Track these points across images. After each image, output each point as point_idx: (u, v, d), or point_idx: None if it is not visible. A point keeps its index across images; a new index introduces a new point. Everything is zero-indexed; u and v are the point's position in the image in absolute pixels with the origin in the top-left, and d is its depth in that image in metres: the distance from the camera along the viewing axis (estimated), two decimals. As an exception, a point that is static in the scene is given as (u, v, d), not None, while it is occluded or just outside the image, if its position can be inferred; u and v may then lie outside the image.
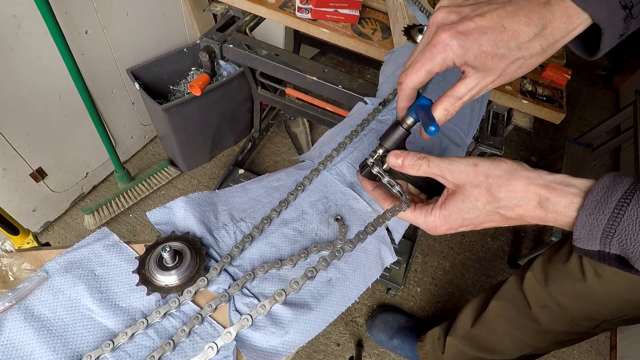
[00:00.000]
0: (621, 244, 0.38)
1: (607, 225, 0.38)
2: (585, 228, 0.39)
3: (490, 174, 0.45)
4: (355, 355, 1.46)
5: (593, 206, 0.39)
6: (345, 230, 0.59)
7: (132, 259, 0.53)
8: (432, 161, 0.48)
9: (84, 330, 0.47)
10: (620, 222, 0.37)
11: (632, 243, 0.37)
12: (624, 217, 0.37)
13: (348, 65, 2.46)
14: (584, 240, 0.40)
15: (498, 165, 0.45)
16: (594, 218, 0.38)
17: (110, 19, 1.42)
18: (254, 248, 0.57)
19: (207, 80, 1.09)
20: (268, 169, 1.94)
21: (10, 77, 1.21)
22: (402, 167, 0.50)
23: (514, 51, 0.43)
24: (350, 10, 0.99)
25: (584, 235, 0.39)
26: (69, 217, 1.69)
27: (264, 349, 0.49)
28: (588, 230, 0.39)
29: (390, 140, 0.53)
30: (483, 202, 0.45)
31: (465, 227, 0.48)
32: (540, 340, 0.96)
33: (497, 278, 1.73)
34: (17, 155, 1.34)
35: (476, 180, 0.45)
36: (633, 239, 0.37)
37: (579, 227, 0.39)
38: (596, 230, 0.38)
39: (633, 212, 0.37)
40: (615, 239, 0.38)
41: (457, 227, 0.48)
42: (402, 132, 0.52)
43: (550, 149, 2.24)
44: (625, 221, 0.37)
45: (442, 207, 0.49)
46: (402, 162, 0.50)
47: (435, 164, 0.48)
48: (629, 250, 0.37)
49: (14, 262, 0.51)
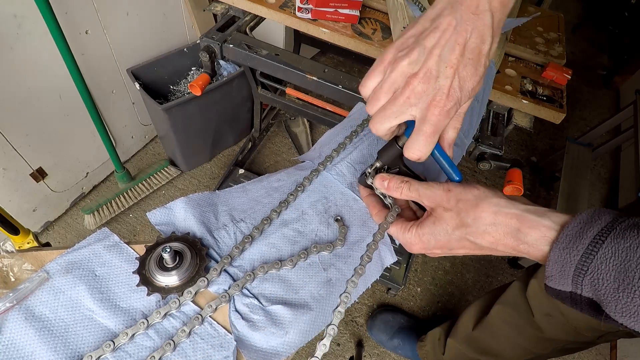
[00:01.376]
0: (593, 284, 0.35)
1: (580, 262, 0.36)
2: (557, 264, 0.37)
3: (461, 198, 0.45)
4: (355, 355, 1.46)
5: (567, 241, 0.37)
6: (345, 230, 0.59)
7: (132, 259, 0.53)
8: (413, 185, 0.50)
9: (84, 330, 0.47)
10: (593, 260, 0.35)
11: (604, 283, 0.34)
12: (598, 254, 0.35)
13: (348, 65, 2.46)
14: (556, 278, 0.38)
15: (469, 191, 0.45)
16: (567, 253, 0.36)
17: (111, 19, 1.42)
18: (254, 248, 0.57)
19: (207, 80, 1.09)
20: (268, 169, 1.94)
21: (11, 76, 1.21)
22: (388, 189, 0.52)
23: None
24: (351, 10, 0.99)
25: (556, 273, 0.37)
26: (69, 217, 1.69)
27: (264, 349, 0.49)
28: (560, 266, 0.37)
29: (385, 156, 0.55)
30: (452, 227, 0.45)
31: (440, 249, 0.48)
32: (542, 347, 0.96)
33: (497, 278, 1.73)
34: (17, 155, 1.34)
35: (448, 204, 0.46)
36: (605, 279, 0.34)
37: (552, 262, 0.38)
38: (568, 267, 0.36)
39: (607, 250, 0.35)
40: (588, 277, 0.35)
41: (431, 248, 0.48)
42: (397, 150, 0.53)
43: (550, 149, 2.24)
44: (599, 259, 0.35)
45: (419, 226, 0.49)
46: (387, 184, 0.52)
47: (415, 188, 0.49)
48: (600, 292, 0.35)
49: (15, 262, 0.51)
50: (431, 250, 0.49)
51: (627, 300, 0.33)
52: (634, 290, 0.33)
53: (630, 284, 0.33)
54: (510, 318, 1.00)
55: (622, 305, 0.34)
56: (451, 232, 0.45)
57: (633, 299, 0.33)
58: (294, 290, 0.54)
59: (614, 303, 0.34)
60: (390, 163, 0.55)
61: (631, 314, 0.33)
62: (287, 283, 0.54)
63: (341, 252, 0.58)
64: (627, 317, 0.34)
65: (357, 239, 0.60)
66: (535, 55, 1.02)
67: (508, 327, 1.00)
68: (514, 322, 0.99)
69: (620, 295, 0.34)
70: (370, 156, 0.68)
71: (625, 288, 0.33)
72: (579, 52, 2.95)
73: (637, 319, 0.33)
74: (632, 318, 0.34)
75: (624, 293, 0.34)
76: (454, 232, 0.45)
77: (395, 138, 0.53)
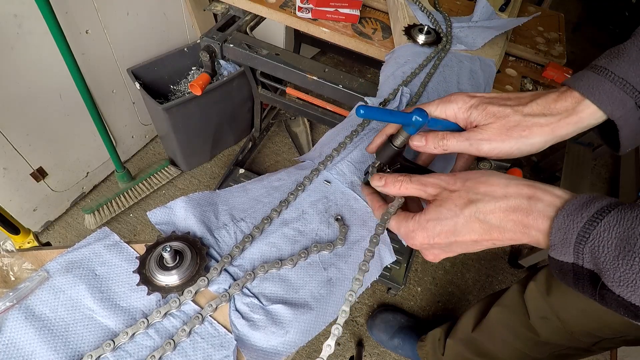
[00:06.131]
0: (593, 252, 0.35)
1: (583, 229, 0.35)
2: (560, 231, 0.37)
3: (469, 177, 0.45)
4: (355, 354, 1.46)
5: (573, 209, 0.37)
6: (345, 230, 0.59)
7: (132, 258, 0.53)
8: (413, 176, 0.49)
9: (84, 330, 0.47)
10: (596, 227, 0.35)
11: (604, 251, 0.34)
12: (602, 222, 0.35)
13: (348, 64, 2.46)
14: (558, 247, 0.37)
15: (475, 172, 0.45)
16: (570, 220, 0.36)
17: (111, 19, 1.42)
18: (255, 248, 0.57)
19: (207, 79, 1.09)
20: (268, 169, 1.94)
21: (11, 76, 1.21)
22: (385, 186, 0.50)
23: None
24: (351, 9, 0.99)
25: (558, 241, 0.37)
26: (70, 216, 1.69)
27: (265, 349, 0.49)
28: (563, 233, 0.36)
29: (383, 156, 0.55)
30: (460, 205, 0.43)
31: (445, 237, 0.45)
32: (538, 351, 0.96)
33: (498, 278, 1.73)
34: (17, 154, 1.34)
35: (454, 185, 0.45)
36: (606, 246, 0.34)
37: (555, 229, 0.37)
38: (571, 234, 0.36)
39: (612, 218, 0.34)
40: (589, 245, 0.35)
41: (433, 235, 0.45)
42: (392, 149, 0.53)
43: (550, 149, 2.22)
44: (602, 226, 0.35)
45: (422, 213, 0.47)
46: (385, 181, 0.50)
47: (416, 178, 0.48)
48: (599, 259, 0.34)
49: (15, 261, 0.51)
50: (434, 240, 0.45)
51: (625, 267, 0.33)
52: (633, 257, 0.32)
53: (631, 251, 0.32)
54: (507, 320, 1.00)
55: (620, 273, 0.33)
56: (459, 212, 0.43)
57: (632, 266, 0.32)
58: (294, 289, 0.54)
59: (612, 271, 0.33)
60: (390, 161, 0.55)
61: (629, 282, 0.33)
62: (287, 282, 0.54)
63: (341, 251, 0.58)
64: (624, 286, 0.33)
65: (357, 239, 0.60)
66: (535, 54, 1.02)
67: (505, 329, 1.00)
68: (511, 324, 0.98)
69: (620, 263, 0.33)
70: (371, 155, 0.68)
71: (626, 255, 0.33)
72: (579, 51, 2.95)
73: (634, 289, 0.32)
74: (630, 287, 0.33)
75: (624, 260, 0.33)
76: (462, 211, 0.43)
77: (390, 137, 0.54)
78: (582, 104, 0.47)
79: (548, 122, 0.48)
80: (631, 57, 0.46)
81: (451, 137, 0.51)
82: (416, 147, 0.53)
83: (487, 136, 0.49)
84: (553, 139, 0.49)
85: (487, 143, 0.49)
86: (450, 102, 0.52)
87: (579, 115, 0.48)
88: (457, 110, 0.52)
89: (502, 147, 0.49)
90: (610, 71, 0.46)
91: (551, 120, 0.48)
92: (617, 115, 0.46)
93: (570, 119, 0.48)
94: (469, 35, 0.93)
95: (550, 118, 0.48)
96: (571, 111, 0.48)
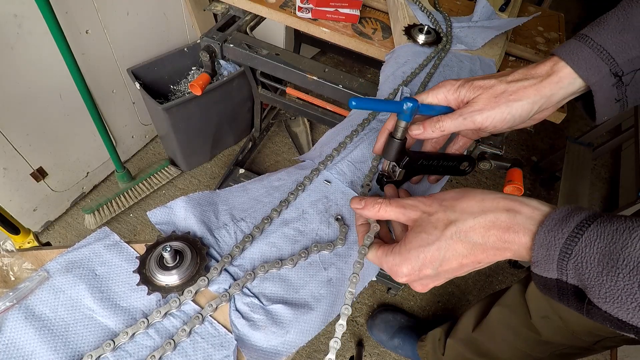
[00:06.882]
0: (577, 269, 0.34)
1: (565, 244, 0.35)
2: (543, 247, 0.36)
3: (444, 198, 0.45)
4: (355, 354, 1.46)
5: (553, 223, 0.36)
6: (345, 230, 0.59)
7: (132, 258, 0.53)
8: (393, 199, 0.48)
9: (84, 329, 0.47)
10: (577, 242, 0.34)
11: (588, 267, 0.34)
12: (583, 237, 0.34)
13: (348, 64, 2.45)
14: (541, 263, 0.37)
15: (450, 191, 0.46)
16: (552, 236, 0.36)
17: (111, 19, 1.42)
18: (255, 248, 0.57)
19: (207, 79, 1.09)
20: (268, 169, 1.94)
21: (11, 76, 1.21)
22: (364, 209, 0.49)
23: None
24: (351, 9, 0.99)
25: (541, 257, 0.37)
26: (70, 216, 1.69)
27: (265, 349, 0.49)
28: (546, 250, 0.36)
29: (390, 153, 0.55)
30: (441, 227, 0.42)
31: (430, 266, 0.43)
32: (539, 351, 0.96)
33: (498, 278, 1.73)
34: (17, 154, 1.34)
35: (431, 207, 0.45)
36: (589, 262, 0.34)
37: (537, 246, 0.37)
38: (553, 250, 0.35)
39: (593, 233, 0.34)
40: (572, 261, 0.34)
41: (418, 266, 0.43)
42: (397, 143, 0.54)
43: (550, 149, 2.24)
44: (584, 242, 0.34)
45: (401, 243, 0.45)
46: (364, 204, 0.49)
47: (395, 200, 0.48)
48: (584, 276, 0.34)
49: (15, 261, 0.51)
50: (421, 271, 0.44)
51: (610, 284, 0.32)
52: (617, 273, 0.32)
53: (615, 266, 0.32)
54: (507, 320, 1.00)
55: (605, 289, 0.33)
56: (440, 234, 0.42)
57: (617, 282, 0.32)
58: (295, 289, 0.54)
59: (597, 288, 0.33)
60: (397, 157, 0.55)
61: (614, 298, 0.32)
62: (287, 282, 0.54)
63: (342, 251, 0.58)
64: (610, 302, 0.33)
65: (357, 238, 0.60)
66: (535, 54, 1.02)
67: (505, 329, 1.00)
68: (512, 323, 0.98)
69: (604, 279, 0.33)
70: (371, 155, 0.68)
71: (610, 271, 0.32)
72: (579, 51, 2.95)
73: (620, 305, 0.32)
74: (616, 304, 0.32)
75: (608, 277, 0.32)
76: (443, 233, 0.42)
77: (390, 134, 0.55)
78: (559, 64, 0.51)
79: (531, 83, 0.51)
80: (610, 26, 0.49)
81: (446, 118, 0.54)
82: (416, 135, 0.55)
83: (479, 107, 0.52)
84: (540, 99, 0.52)
85: (479, 113, 0.52)
86: (439, 88, 0.55)
87: (558, 75, 0.51)
88: (446, 92, 0.55)
89: (494, 114, 0.51)
90: (590, 38, 0.49)
91: (533, 82, 0.51)
92: (593, 80, 0.49)
93: (550, 79, 0.51)
94: (469, 35, 0.93)
95: (532, 80, 0.52)
96: (550, 71, 0.51)
